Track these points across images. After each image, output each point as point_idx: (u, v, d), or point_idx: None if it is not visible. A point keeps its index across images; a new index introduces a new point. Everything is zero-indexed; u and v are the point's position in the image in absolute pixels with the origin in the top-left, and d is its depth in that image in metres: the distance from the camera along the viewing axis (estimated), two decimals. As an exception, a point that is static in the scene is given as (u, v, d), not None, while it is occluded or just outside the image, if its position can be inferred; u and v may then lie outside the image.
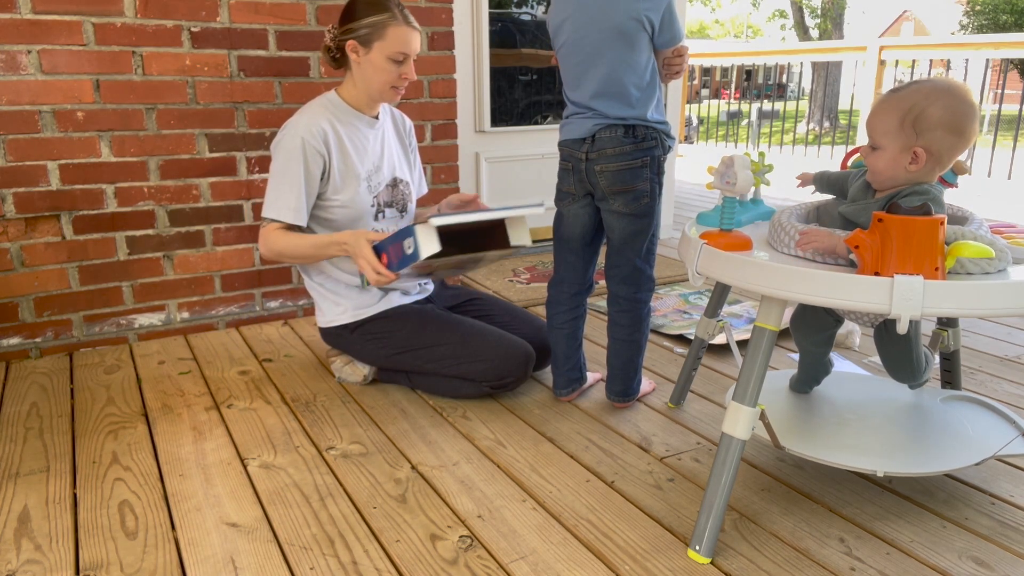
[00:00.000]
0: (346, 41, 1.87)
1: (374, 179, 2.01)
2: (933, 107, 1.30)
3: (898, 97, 1.33)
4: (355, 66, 1.90)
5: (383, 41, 1.85)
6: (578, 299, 1.94)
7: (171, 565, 1.35)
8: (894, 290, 1.12)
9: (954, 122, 1.30)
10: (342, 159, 1.94)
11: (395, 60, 1.87)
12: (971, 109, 1.31)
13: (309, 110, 1.94)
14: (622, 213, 1.78)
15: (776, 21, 19.98)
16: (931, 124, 1.30)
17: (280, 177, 1.88)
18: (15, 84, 2.20)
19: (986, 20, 20.11)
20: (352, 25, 1.85)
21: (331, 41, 1.92)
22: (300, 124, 1.89)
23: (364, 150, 1.99)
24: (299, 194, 1.87)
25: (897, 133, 1.32)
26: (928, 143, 1.31)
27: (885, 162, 1.34)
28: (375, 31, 1.84)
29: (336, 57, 1.93)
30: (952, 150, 1.33)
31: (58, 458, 1.73)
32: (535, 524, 1.46)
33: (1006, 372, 2.21)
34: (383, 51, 1.86)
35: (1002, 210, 4.83)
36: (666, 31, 1.71)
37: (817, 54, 8.94)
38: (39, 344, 2.39)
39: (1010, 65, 8.53)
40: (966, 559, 1.34)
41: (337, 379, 2.15)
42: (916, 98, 1.31)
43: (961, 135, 1.31)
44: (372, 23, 1.83)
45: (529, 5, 3.66)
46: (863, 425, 1.57)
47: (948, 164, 1.35)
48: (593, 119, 1.75)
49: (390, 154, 2.07)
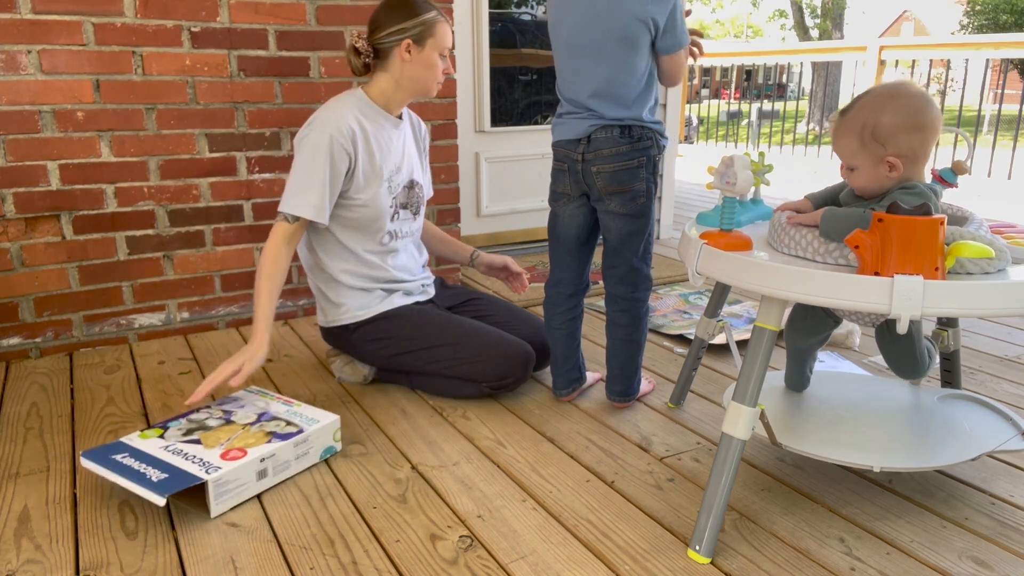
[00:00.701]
0: (399, 42, 1.88)
1: (395, 180, 2.01)
2: (883, 116, 1.32)
3: (848, 119, 1.36)
4: (401, 65, 1.91)
5: (434, 38, 1.90)
6: (575, 299, 1.94)
7: (171, 565, 1.35)
8: (894, 290, 1.12)
9: (910, 121, 1.32)
10: (368, 158, 1.93)
11: (442, 55, 1.94)
12: (920, 101, 1.33)
13: (338, 106, 1.91)
14: (619, 213, 1.78)
15: (776, 21, 19.99)
16: (890, 131, 1.32)
17: (304, 173, 1.86)
18: (15, 84, 2.20)
19: (986, 20, 20.11)
20: (405, 25, 1.87)
21: (367, 46, 1.91)
22: (330, 121, 1.87)
23: (388, 150, 1.99)
24: (323, 192, 1.86)
25: (863, 151, 1.35)
26: (896, 149, 1.33)
27: (865, 179, 1.37)
28: (427, 29, 1.88)
29: (367, 62, 1.93)
30: (924, 144, 1.34)
31: (58, 458, 1.73)
32: (535, 524, 1.46)
33: (1006, 372, 2.21)
34: (435, 48, 1.91)
35: (1002, 210, 4.83)
36: (668, 35, 1.69)
37: (817, 54, 8.95)
38: (39, 344, 2.39)
39: (1010, 65, 8.54)
40: (966, 559, 1.34)
41: (337, 379, 2.15)
42: (864, 113, 1.34)
43: (922, 129, 1.32)
44: (424, 21, 1.88)
45: (529, 5, 3.66)
46: (860, 422, 1.57)
47: (925, 158, 1.36)
48: (589, 119, 1.74)
49: (409, 156, 2.08)
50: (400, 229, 2.06)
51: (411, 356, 1.99)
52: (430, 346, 1.97)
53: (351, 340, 2.05)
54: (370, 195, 1.95)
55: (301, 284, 2.75)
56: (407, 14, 1.87)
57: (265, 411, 1.76)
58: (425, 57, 1.90)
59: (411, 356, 1.99)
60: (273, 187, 2.62)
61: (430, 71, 1.93)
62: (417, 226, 2.15)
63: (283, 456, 1.61)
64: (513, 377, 1.96)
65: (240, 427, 1.67)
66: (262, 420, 1.71)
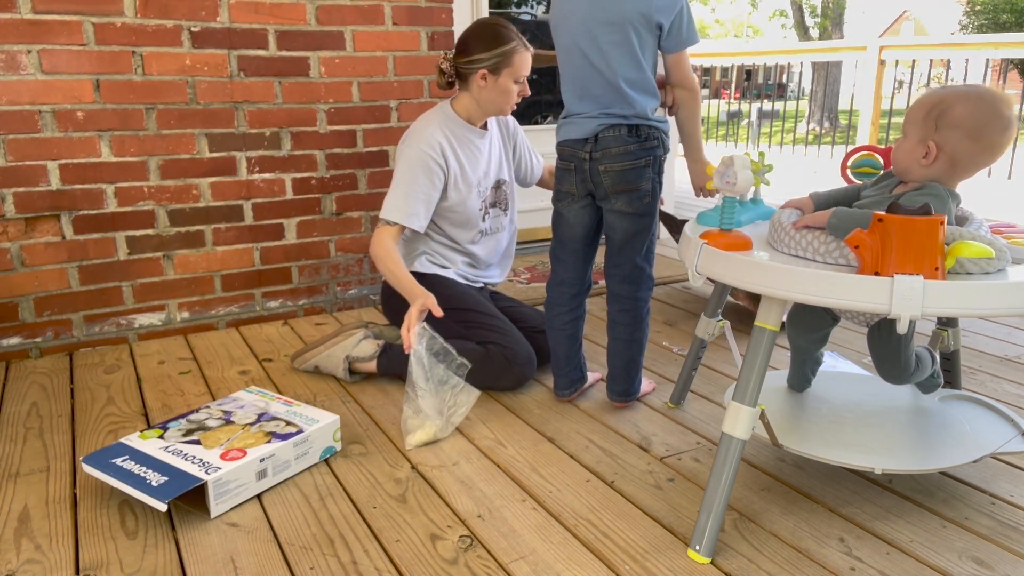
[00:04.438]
0: (475, 71, 2.01)
1: (483, 184, 2.18)
2: (959, 106, 1.31)
3: (936, 92, 1.35)
4: (478, 89, 2.04)
5: (511, 68, 2.01)
6: (578, 300, 1.94)
7: (171, 565, 1.35)
8: (894, 290, 1.12)
9: (974, 126, 1.30)
10: (459, 170, 2.10)
11: (517, 81, 2.04)
12: (997, 119, 1.30)
13: (428, 124, 2.07)
14: (624, 212, 1.78)
15: (776, 20, 19.98)
16: (951, 122, 1.31)
17: (405, 184, 2.03)
18: (15, 84, 2.20)
19: (986, 20, 20.09)
20: (482, 56, 1.99)
21: (451, 68, 2.06)
22: (422, 138, 2.04)
23: (476, 160, 2.15)
24: (423, 203, 2.04)
25: (920, 124, 1.34)
26: (943, 140, 1.31)
27: (903, 151, 1.37)
28: (504, 60, 1.99)
29: (451, 81, 2.08)
30: (971, 157, 1.32)
31: (58, 458, 1.73)
32: (535, 524, 1.46)
33: (1006, 372, 2.21)
34: (510, 76, 2.02)
35: (1002, 210, 4.83)
36: (674, 35, 1.69)
37: (817, 54, 8.94)
38: (39, 344, 2.39)
39: (1010, 65, 8.54)
40: (966, 559, 1.34)
41: (346, 359, 2.12)
42: (948, 94, 1.33)
43: (978, 141, 1.31)
44: (500, 53, 1.99)
45: (529, 5, 3.66)
46: (861, 423, 1.57)
47: (967, 171, 1.35)
48: (597, 119, 1.74)
49: (496, 159, 2.23)
50: (490, 226, 2.24)
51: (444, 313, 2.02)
52: (466, 308, 2.09)
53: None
54: (461, 200, 2.12)
55: (301, 284, 2.75)
56: (487, 46, 1.99)
57: (265, 411, 1.76)
58: (500, 84, 2.02)
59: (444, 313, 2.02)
60: (273, 187, 2.63)
61: (504, 96, 2.05)
62: (508, 221, 2.29)
63: (283, 456, 1.61)
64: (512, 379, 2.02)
65: (240, 427, 1.67)
66: (262, 420, 1.71)
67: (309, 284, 2.78)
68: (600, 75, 1.71)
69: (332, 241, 2.78)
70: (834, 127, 12.66)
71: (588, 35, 1.70)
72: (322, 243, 2.76)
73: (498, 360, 2.01)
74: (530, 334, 2.14)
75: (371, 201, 2.81)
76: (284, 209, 2.67)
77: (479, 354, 1.99)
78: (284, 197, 2.66)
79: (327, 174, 2.71)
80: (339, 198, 2.75)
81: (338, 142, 2.70)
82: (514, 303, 2.32)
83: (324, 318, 2.77)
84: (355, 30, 2.64)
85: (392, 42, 2.72)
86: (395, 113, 2.79)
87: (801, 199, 1.53)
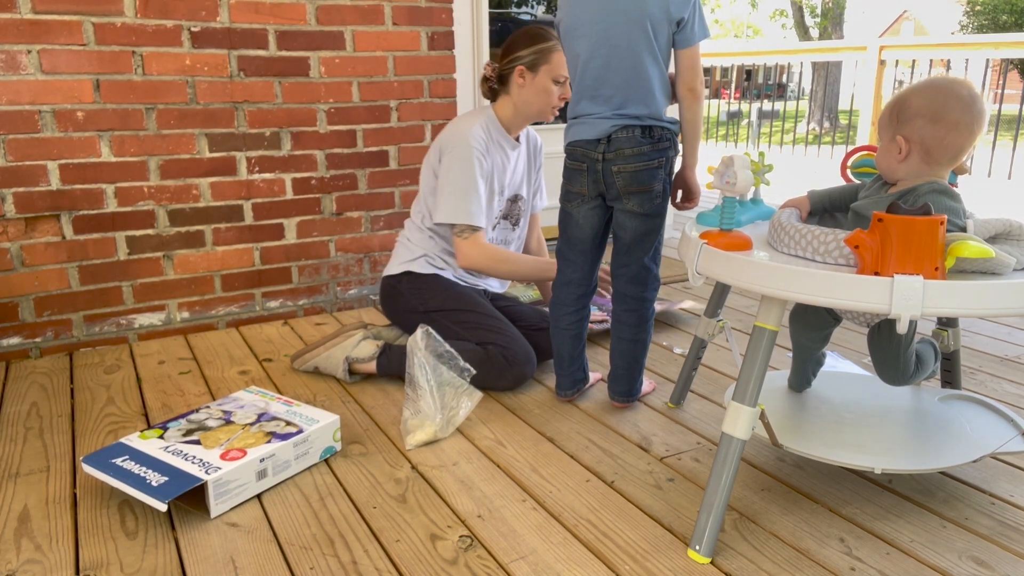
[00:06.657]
0: (514, 67, 2.04)
1: (503, 194, 2.22)
2: (914, 97, 1.34)
3: (896, 93, 1.39)
4: (518, 90, 2.07)
5: (549, 65, 2.03)
6: (584, 300, 1.93)
7: (171, 565, 1.35)
8: (894, 290, 1.12)
9: (932, 110, 1.32)
10: (492, 172, 2.14)
11: (557, 81, 2.05)
12: (954, 100, 1.32)
13: (472, 122, 2.10)
14: (636, 213, 1.77)
15: (776, 20, 19.98)
16: (911, 113, 1.34)
17: (464, 184, 2.06)
18: (15, 84, 2.20)
19: (986, 20, 20.09)
20: (520, 53, 2.03)
21: (493, 72, 2.11)
22: (471, 135, 2.07)
23: (504, 169, 2.18)
24: (482, 200, 2.08)
25: (887, 125, 1.38)
26: (909, 132, 1.34)
27: (880, 154, 1.40)
28: (542, 56, 2.02)
29: (494, 88, 2.12)
30: (940, 140, 1.32)
31: (58, 458, 1.73)
32: (535, 524, 1.46)
33: (1006, 372, 2.21)
34: (549, 74, 2.03)
35: (1002, 210, 4.83)
36: (688, 29, 1.69)
37: (817, 54, 8.94)
38: (39, 344, 2.39)
39: (1010, 65, 8.54)
40: (966, 559, 1.34)
41: (346, 359, 2.12)
42: (905, 90, 1.37)
43: (940, 123, 1.32)
44: (538, 49, 2.02)
45: (529, 5, 3.67)
46: (861, 424, 1.57)
47: (942, 156, 1.34)
48: (611, 120, 1.72)
49: (521, 174, 2.27)
50: (497, 237, 2.26)
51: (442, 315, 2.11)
52: (465, 308, 2.11)
53: (401, 289, 2.19)
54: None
55: (301, 284, 2.75)
56: (526, 43, 2.03)
57: (265, 411, 1.76)
58: (538, 83, 2.04)
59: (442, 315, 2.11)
60: (273, 187, 2.63)
61: (543, 96, 2.06)
62: (516, 235, 2.32)
63: (283, 456, 1.61)
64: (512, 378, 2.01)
65: (240, 427, 1.67)
66: (262, 420, 1.71)
67: (309, 284, 2.78)
68: (616, 75, 1.70)
69: (332, 241, 2.78)
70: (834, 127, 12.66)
71: (605, 35, 1.68)
72: (322, 243, 2.76)
73: (497, 360, 2.01)
74: (528, 332, 2.14)
75: (371, 201, 2.81)
76: (284, 209, 2.67)
77: (478, 354, 1.99)
78: (284, 197, 2.66)
79: (327, 174, 2.71)
80: (339, 198, 2.75)
81: (338, 142, 2.71)
82: (512, 302, 2.33)
83: (324, 318, 2.78)
84: (355, 30, 2.64)
85: (392, 42, 2.72)
86: (395, 113, 2.79)
87: (798, 198, 1.53)
